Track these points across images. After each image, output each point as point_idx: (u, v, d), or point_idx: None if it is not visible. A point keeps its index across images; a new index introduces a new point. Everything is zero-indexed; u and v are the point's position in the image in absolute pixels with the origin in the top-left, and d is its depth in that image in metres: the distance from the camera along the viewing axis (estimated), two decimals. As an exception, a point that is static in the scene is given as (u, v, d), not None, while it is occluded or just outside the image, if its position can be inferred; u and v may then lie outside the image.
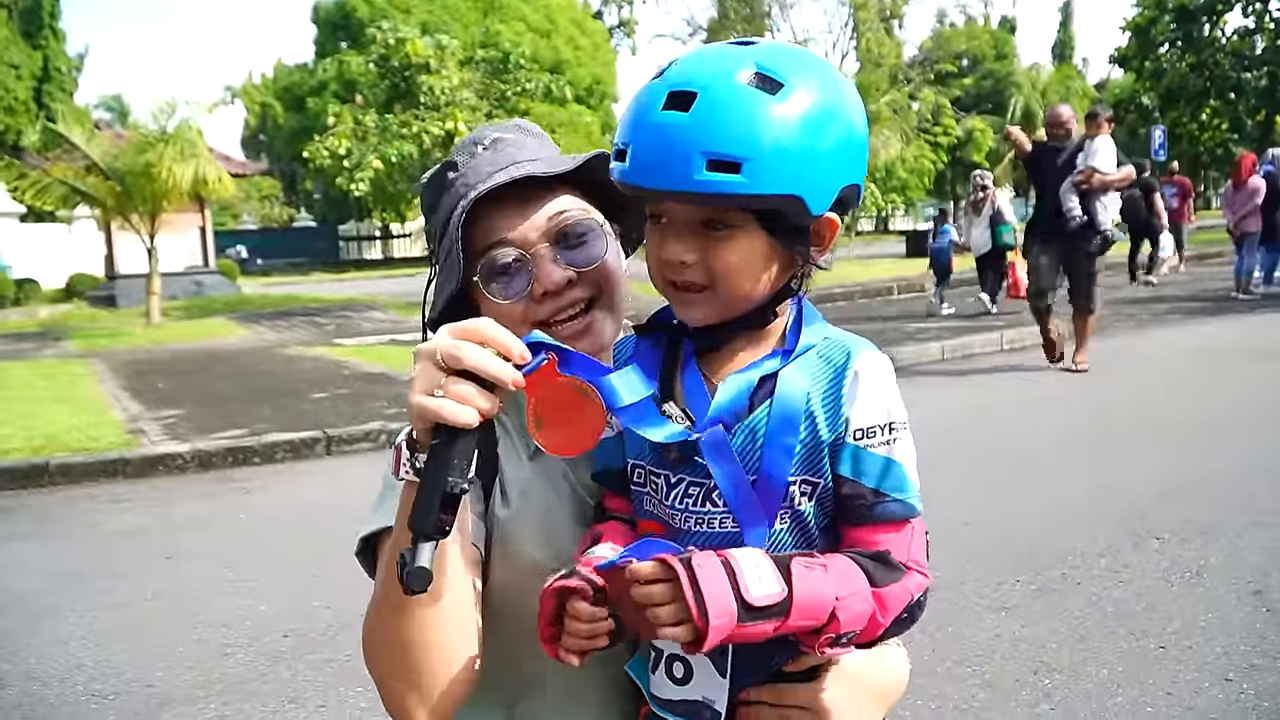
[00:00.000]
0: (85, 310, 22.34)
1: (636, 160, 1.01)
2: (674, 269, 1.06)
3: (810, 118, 1.00)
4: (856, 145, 1.05)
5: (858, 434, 1.06)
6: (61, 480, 7.07)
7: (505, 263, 1.26)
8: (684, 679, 1.11)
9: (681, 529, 1.09)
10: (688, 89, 0.99)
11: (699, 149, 0.97)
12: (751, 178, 0.97)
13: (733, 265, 1.04)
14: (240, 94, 55.51)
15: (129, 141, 18.15)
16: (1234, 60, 34.84)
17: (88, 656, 4.04)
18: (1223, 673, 3.26)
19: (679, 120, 0.98)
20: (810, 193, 1.01)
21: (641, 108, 1.02)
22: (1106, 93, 43.90)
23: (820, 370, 1.08)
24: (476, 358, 0.99)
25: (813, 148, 1.00)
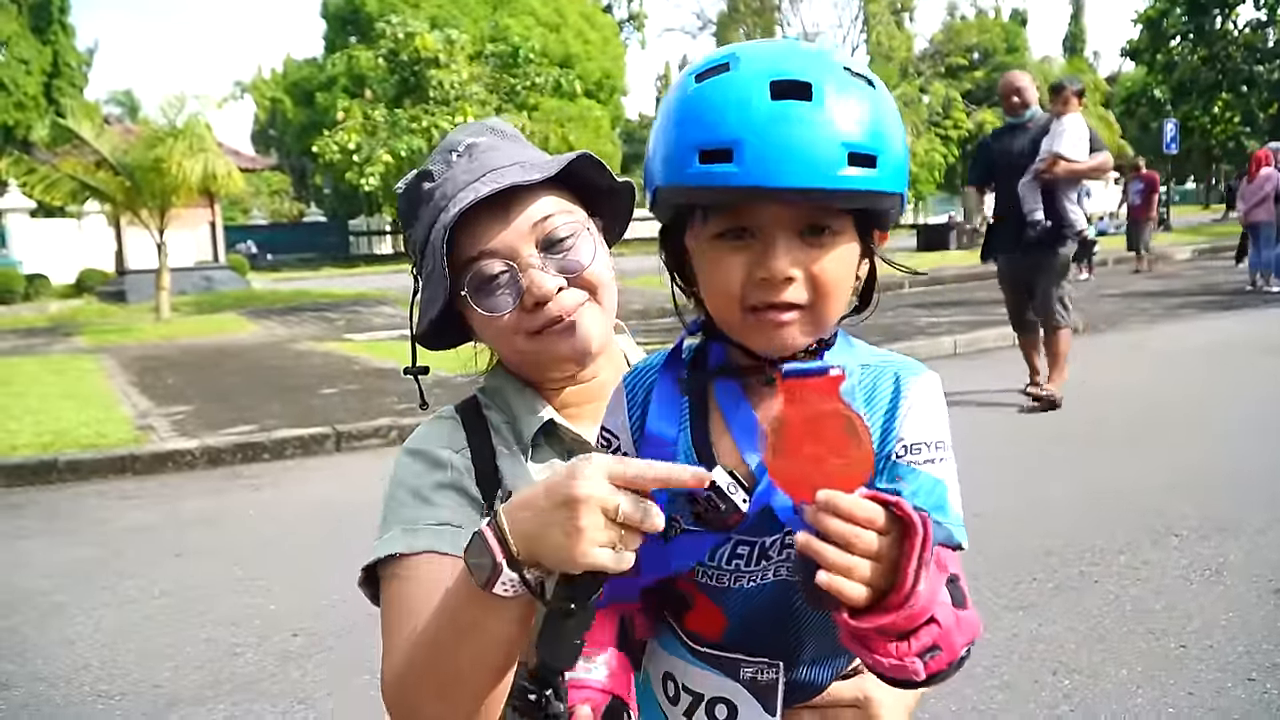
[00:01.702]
0: (95, 305, 22.39)
1: (760, 158, 0.86)
2: (772, 288, 0.92)
3: (898, 116, 0.95)
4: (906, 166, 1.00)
5: (901, 450, 0.97)
6: (70, 477, 7.06)
7: (493, 274, 1.23)
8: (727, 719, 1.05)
9: (730, 587, 1.02)
10: (796, 78, 0.88)
11: (840, 140, 0.87)
12: (884, 172, 0.89)
13: (837, 275, 0.94)
14: (250, 89, 55.57)
15: (138, 137, 18.20)
16: (1246, 53, 34.65)
17: (94, 656, 4.01)
18: (1245, 672, 3.21)
19: (807, 110, 0.87)
20: (903, 188, 0.94)
21: (739, 99, 0.88)
22: (1118, 86, 43.71)
23: (868, 396, 0.99)
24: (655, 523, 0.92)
25: (905, 145, 0.95)
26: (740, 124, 0.87)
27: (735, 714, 1.04)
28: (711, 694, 1.05)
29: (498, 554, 0.95)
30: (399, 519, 1.23)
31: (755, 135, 0.86)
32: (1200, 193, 49.70)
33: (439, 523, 1.21)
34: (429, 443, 1.30)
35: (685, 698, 1.07)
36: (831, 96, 0.87)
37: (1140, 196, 18.41)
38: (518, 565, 0.95)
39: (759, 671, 1.04)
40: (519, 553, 0.95)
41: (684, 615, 1.08)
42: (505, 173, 1.25)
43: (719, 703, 1.05)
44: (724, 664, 1.05)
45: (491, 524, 0.97)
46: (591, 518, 0.91)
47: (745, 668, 1.04)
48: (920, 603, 0.82)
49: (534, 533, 0.94)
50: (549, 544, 0.93)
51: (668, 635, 1.10)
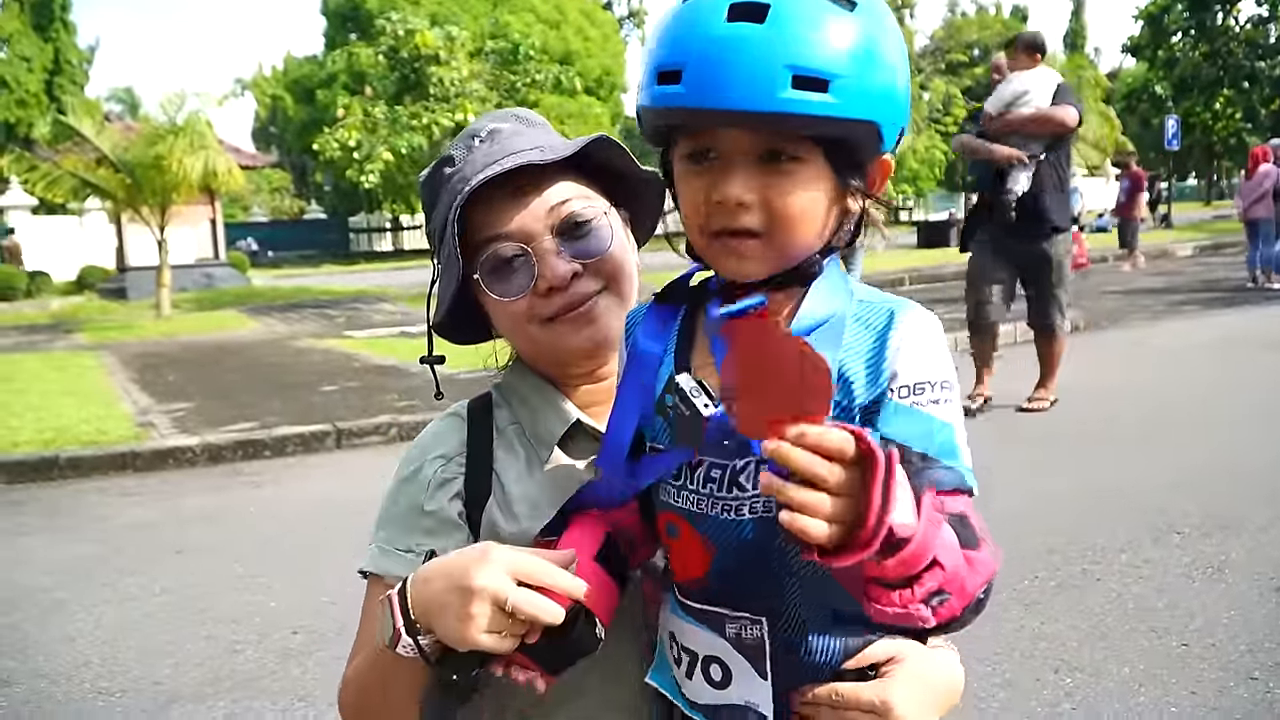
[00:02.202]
0: (96, 302, 22.40)
1: (699, 79, 0.87)
2: (728, 213, 0.92)
3: (886, 40, 0.91)
4: (908, 83, 0.96)
5: (903, 390, 0.92)
6: (71, 473, 7.05)
7: (506, 257, 1.21)
8: (722, 682, 1.03)
9: (709, 514, 0.99)
10: (758, 0, 0.86)
11: (784, 62, 0.85)
12: (840, 98, 0.86)
13: (796, 206, 0.92)
14: (250, 86, 55.62)
15: (139, 134, 18.18)
16: (1248, 49, 34.64)
17: (95, 654, 4.01)
18: (1248, 671, 3.20)
19: (755, 31, 0.85)
20: (886, 121, 0.91)
21: (697, 20, 0.89)
22: (1119, 82, 43.64)
23: (857, 333, 0.96)
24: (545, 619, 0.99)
25: (890, 71, 0.91)
26: (690, 45, 0.88)
27: (729, 676, 1.02)
28: (704, 652, 1.03)
29: (399, 621, 1.04)
30: (380, 535, 1.28)
31: (700, 57, 0.87)
32: (1202, 189, 49.66)
33: (405, 549, 1.25)
34: (427, 451, 1.29)
35: (684, 657, 1.06)
36: (785, 18, 0.86)
37: (1126, 194, 18.22)
38: (415, 632, 1.03)
39: (743, 628, 1.00)
40: (418, 621, 1.03)
41: (672, 558, 1.07)
42: (524, 155, 1.22)
43: (713, 662, 1.03)
44: (710, 618, 1.02)
45: (400, 590, 1.06)
46: (481, 607, 0.98)
47: (729, 623, 1.01)
48: (913, 546, 0.80)
49: (431, 609, 1.02)
50: (441, 621, 1.01)
51: (668, 595, 1.10)
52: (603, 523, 1.07)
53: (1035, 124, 6.39)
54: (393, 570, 1.23)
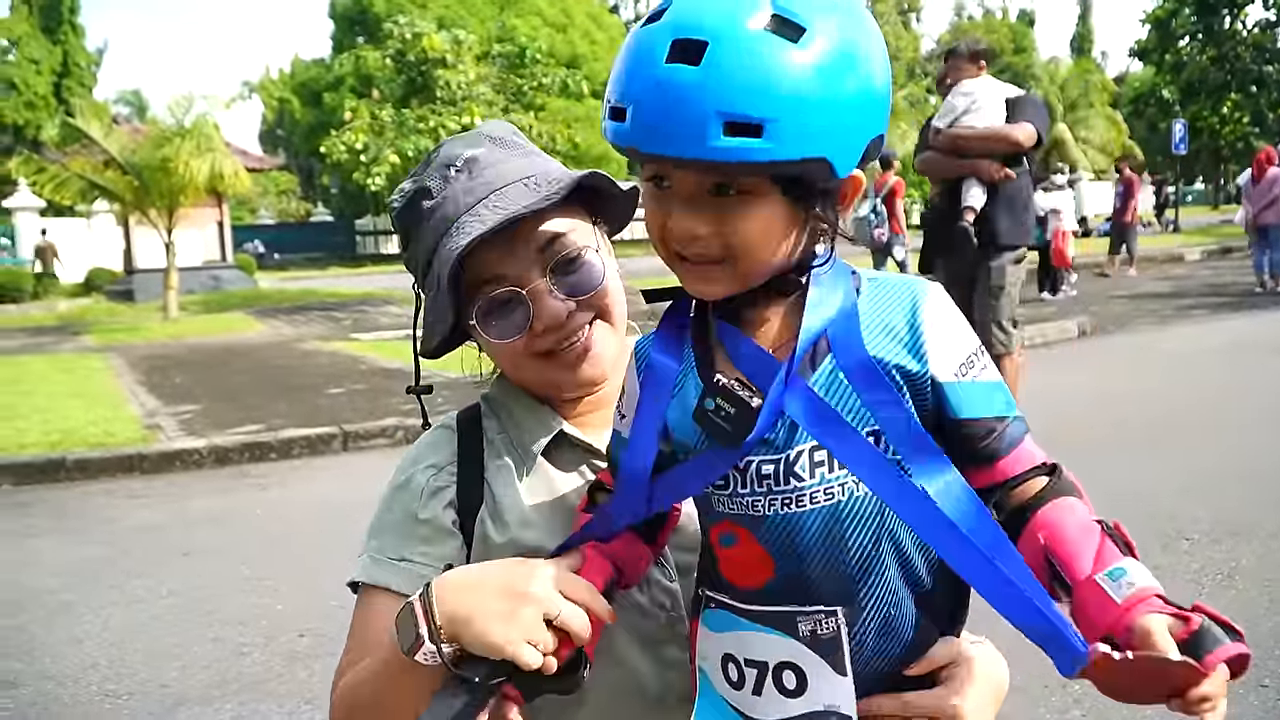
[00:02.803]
0: (103, 304, 22.47)
1: (639, 122, 0.88)
2: (683, 243, 0.94)
3: (836, 67, 0.87)
4: (882, 93, 0.93)
5: (961, 370, 0.97)
6: (78, 475, 7.08)
7: (502, 302, 1.21)
8: (797, 689, 0.99)
9: (766, 515, 0.98)
10: (695, 37, 0.85)
11: (714, 109, 0.84)
12: (775, 141, 0.85)
13: (752, 236, 0.92)
14: (258, 89, 55.80)
15: (146, 136, 18.24)
16: (1255, 53, 34.61)
17: (102, 656, 4.02)
18: (1258, 679, 3.19)
19: (689, 76, 0.85)
20: (837, 153, 0.89)
21: (641, 58, 0.88)
22: (1126, 86, 43.61)
23: (880, 308, 0.98)
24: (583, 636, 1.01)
25: (839, 101, 0.88)
26: (633, 86, 0.89)
27: (804, 680, 0.98)
28: (775, 659, 0.99)
29: (422, 627, 1.01)
30: (372, 545, 1.27)
31: (639, 100, 0.88)
32: (1209, 193, 49.57)
33: (400, 558, 1.24)
34: (418, 461, 1.30)
35: (750, 672, 1.01)
36: (720, 60, 0.84)
37: (1120, 200, 17.98)
38: (437, 640, 1.01)
39: (817, 623, 0.98)
40: (442, 628, 1.01)
41: (727, 568, 1.03)
42: (508, 193, 1.21)
43: (785, 669, 0.99)
44: (779, 620, 0.99)
45: (422, 597, 1.03)
46: (531, 615, 0.98)
47: (802, 621, 0.98)
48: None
49: (467, 614, 1.00)
50: (479, 628, 0.99)
51: (712, 613, 1.05)
52: (605, 556, 1.07)
53: (986, 142, 5.88)
54: (387, 580, 1.23)
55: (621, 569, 1.09)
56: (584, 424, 1.30)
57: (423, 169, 1.30)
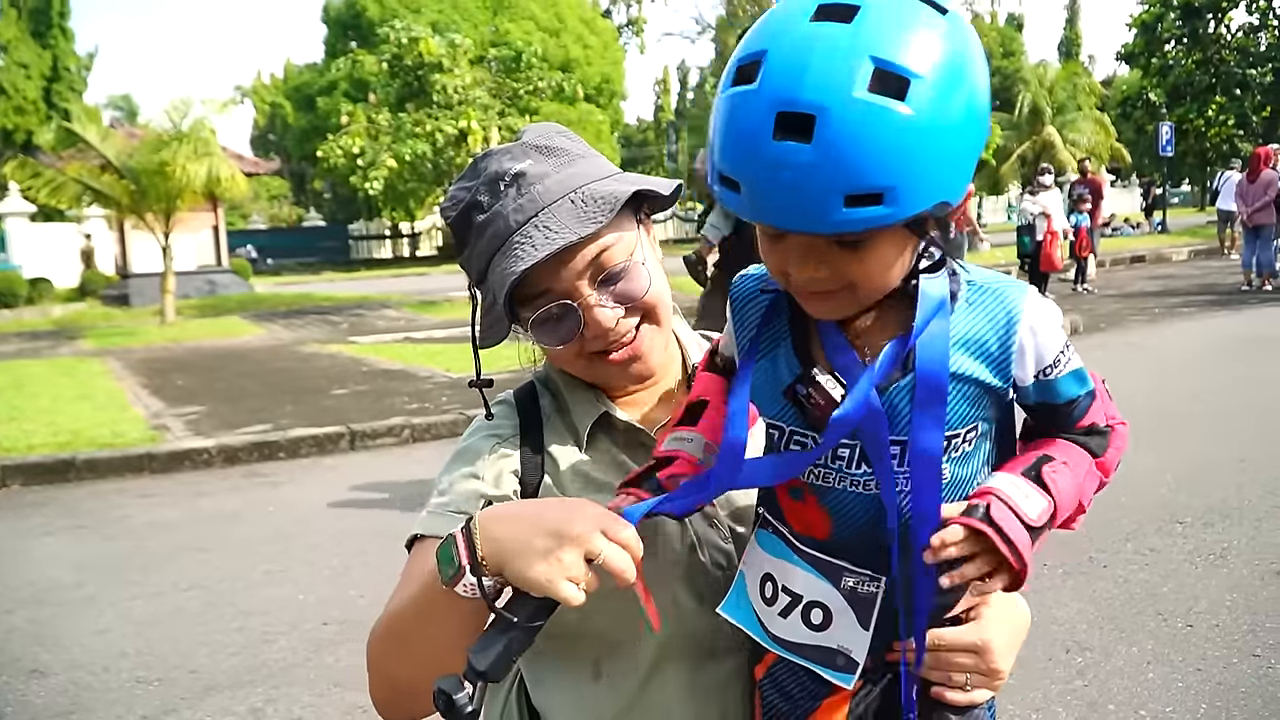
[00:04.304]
0: (99, 309, 22.43)
1: (758, 202, 0.89)
2: (804, 282, 0.99)
3: (943, 107, 0.86)
4: (986, 101, 0.92)
5: (1045, 373, 1.05)
6: (88, 475, 7.15)
7: (554, 314, 1.27)
8: (822, 625, 1.10)
9: (834, 488, 1.08)
10: (800, 110, 0.84)
11: (834, 189, 0.85)
12: (895, 205, 0.86)
13: (872, 272, 0.97)
14: (250, 93, 55.72)
15: (143, 140, 18.25)
16: (1239, 57, 34.80)
17: (129, 645, 4.11)
18: (1250, 649, 3.33)
19: (803, 158, 0.84)
20: (953, 188, 0.90)
21: (748, 135, 0.87)
22: (1114, 89, 43.86)
23: (977, 323, 1.03)
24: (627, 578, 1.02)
25: (950, 139, 0.87)
26: (743, 162, 0.89)
27: (830, 620, 1.09)
28: (810, 597, 1.09)
29: (464, 558, 1.03)
30: (432, 503, 1.30)
31: (753, 178, 0.88)
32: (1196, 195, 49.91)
33: (456, 510, 1.26)
34: (481, 429, 1.37)
35: (783, 598, 1.11)
36: (832, 137, 0.84)
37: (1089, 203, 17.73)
38: (480, 571, 1.02)
39: (860, 583, 1.08)
40: (485, 560, 1.03)
41: (791, 516, 1.13)
42: (557, 213, 1.25)
43: (815, 606, 1.09)
44: (828, 569, 1.09)
45: (465, 529, 1.05)
46: (573, 555, 1.00)
47: (847, 576, 1.08)
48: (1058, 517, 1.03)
49: (510, 549, 1.02)
50: (521, 563, 1.00)
51: (769, 536, 1.15)
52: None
53: None
54: (446, 529, 1.23)
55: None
56: (630, 404, 1.37)
57: (471, 177, 1.32)
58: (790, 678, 1.16)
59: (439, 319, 16.46)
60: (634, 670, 1.29)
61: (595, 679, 1.30)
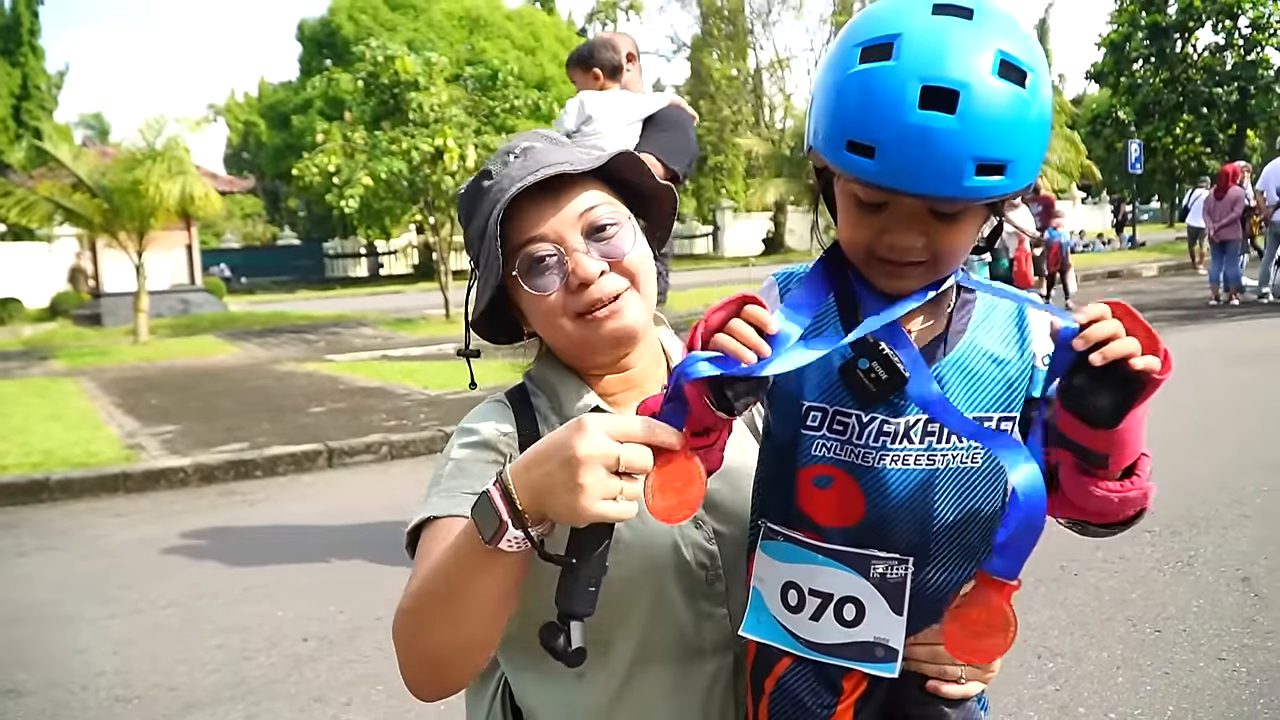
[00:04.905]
0: (70, 329, 22.23)
1: (894, 164, 0.97)
2: (897, 252, 1.06)
3: (1045, 103, 1.00)
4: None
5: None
6: (62, 496, 7.08)
7: (541, 257, 1.34)
8: (855, 620, 1.13)
9: (875, 466, 1.12)
10: (945, 85, 0.94)
11: (970, 155, 0.95)
12: (1013, 177, 0.98)
13: (957, 245, 1.07)
14: (223, 111, 55.52)
15: (116, 159, 18.16)
16: (1206, 76, 35.44)
17: (107, 664, 4.09)
18: (1216, 653, 3.41)
19: (947, 125, 0.94)
20: (1036, 174, 1.02)
21: (889, 103, 0.96)
22: (1084, 107, 44.44)
23: (993, 317, 1.15)
24: (646, 464, 1.02)
25: (1046, 130, 1.01)
26: (885, 128, 0.96)
27: (863, 613, 1.13)
28: (841, 593, 1.13)
29: (504, 513, 1.04)
30: (440, 488, 1.33)
31: (895, 142, 0.96)
32: (1165, 212, 50.60)
33: (473, 492, 1.26)
34: (479, 421, 1.40)
35: (812, 600, 1.14)
36: (973, 109, 0.94)
37: (1040, 220, 17.85)
38: (522, 523, 1.03)
39: (889, 568, 1.12)
40: (525, 510, 1.03)
41: (815, 507, 1.16)
42: (556, 167, 1.36)
43: (847, 602, 1.13)
44: (855, 560, 1.13)
45: (498, 483, 1.05)
46: (592, 474, 0.99)
47: (876, 564, 1.12)
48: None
49: (541, 490, 1.03)
50: (556, 502, 1.01)
51: (779, 545, 1.18)
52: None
53: None
54: (460, 509, 1.26)
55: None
56: (616, 403, 1.41)
57: (489, 161, 1.44)
58: (803, 685, 1.18)
59: (416, 336, 16.44)
60: (616, 669, 1.32)
61: (578, 677, 1.33)
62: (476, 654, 1.21)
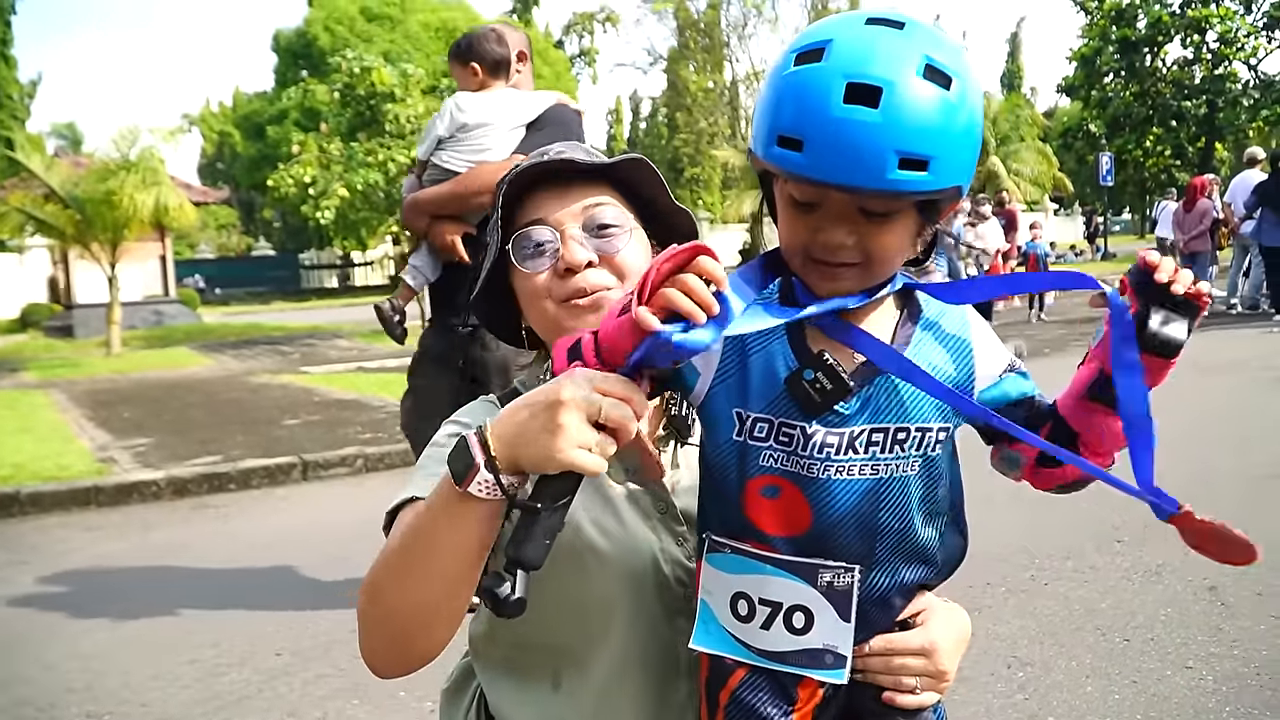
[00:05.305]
0: (41, 340, 22.02)
1: (819, 156, 1.00)
2: (828, 251, 1.08)
3: (970, 108, 1.04)
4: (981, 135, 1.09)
5: (1004, 372, 1.21)
6: (32, 509, 7.00)
7: (538, 240, 1.39)
8: (804, 628, 1.15)
9: (820, 478, 1.13)
10: (871, 83, 0.99)
11: (893, 148, 0.98)
12: (935, 174, 1.01)
13: (889, 247, 1.09)
14: (198, 122, 55.19)
15: (89, 169, 18.04)
16: (1175, 89, 35.89)
17: (78, 680, 4.05)
18: (1183, 661, 3.46)
19: (871, 119, 0.98)
20: (966, 179, 1.06)
21: (816, 99, 1.01)
22: (1055, 120, 44.97)
23: (939, 330, 1.18)
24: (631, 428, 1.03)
25: (971, 136, 1.05)
26: (811, 122, 1.01)
27: (812, 621, 1.14)
28: (790, 602, 1.14)
29: (478, 455, 1.05)
30: (420, 474, 1.33)
31: (820, 135, 1.00)
32: (1136, 223, 51.19)
33: None
34: (467, 415, 1.43)
35: (762, 610, 1.16)
36: (896, 104, 0.98)
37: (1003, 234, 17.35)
38: (494, 468, 1.04)
39: (836, 577, 1.14)
40: (498, 456, 1.04)
41: (764, 517, 1.16)
42: (569, 155, 1.41)
43: (796, 610, 1.14)
44: (803, 570, 1.14)
45: (476, 431, 1.08)
46: (572, 417, 1.01)
47: (823, 572, 1.14)
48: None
49: (517, 435, 1.04)
50: (531, 444, 1.02)
51: (725, 557, 1.18)
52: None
53: (455, 202, 3.90)
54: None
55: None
56: None
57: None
58: (756, 695, 1.18)
59: (391, 349, 16.33)
60: (594, 684, 1.32)
61: (554, 690, 1.34)
62: (438, 621, 1.19)
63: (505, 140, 3.90)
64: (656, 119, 54.95)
